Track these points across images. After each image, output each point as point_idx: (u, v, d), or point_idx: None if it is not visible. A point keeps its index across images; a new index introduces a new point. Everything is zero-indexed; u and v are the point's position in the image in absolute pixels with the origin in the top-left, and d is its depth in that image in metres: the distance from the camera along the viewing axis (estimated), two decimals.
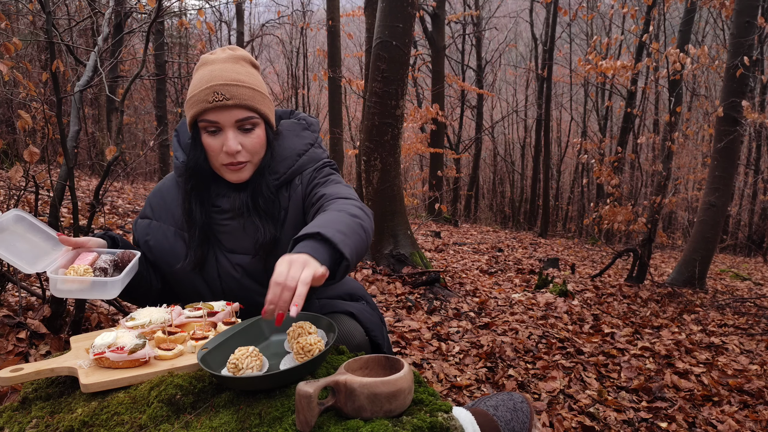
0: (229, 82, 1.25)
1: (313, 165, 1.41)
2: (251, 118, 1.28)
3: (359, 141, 5.00)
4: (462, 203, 16.26)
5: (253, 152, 1.30)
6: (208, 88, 1.24)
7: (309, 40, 18.52)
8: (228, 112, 1.25)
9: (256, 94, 1.28)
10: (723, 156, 5.92)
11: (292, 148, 1.40)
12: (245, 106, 1.26)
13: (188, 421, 0.89)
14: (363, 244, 1.12)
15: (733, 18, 5.99)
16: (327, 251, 1.01)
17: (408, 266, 4.57)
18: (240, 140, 1.27)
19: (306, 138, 1.44)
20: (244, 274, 1.34)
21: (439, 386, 2.64)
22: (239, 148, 1.27)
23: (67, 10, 7.44)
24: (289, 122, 1.46)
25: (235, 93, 1.24)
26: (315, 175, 1.38)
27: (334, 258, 1.03)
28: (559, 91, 19.95)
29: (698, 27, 14.71)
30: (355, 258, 1.06)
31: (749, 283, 7.45)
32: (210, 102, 1.24)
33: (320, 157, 1.43)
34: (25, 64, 3.33)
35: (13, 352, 2.03)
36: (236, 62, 1.30)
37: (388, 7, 4.41)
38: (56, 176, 2.33)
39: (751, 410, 2.66)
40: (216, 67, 1.28)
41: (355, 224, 1.12)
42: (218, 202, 1.35)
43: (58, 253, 1.19)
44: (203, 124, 1.27)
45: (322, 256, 1.00)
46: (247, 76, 1.29)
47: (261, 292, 1.34)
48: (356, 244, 1.07)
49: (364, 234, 1.13)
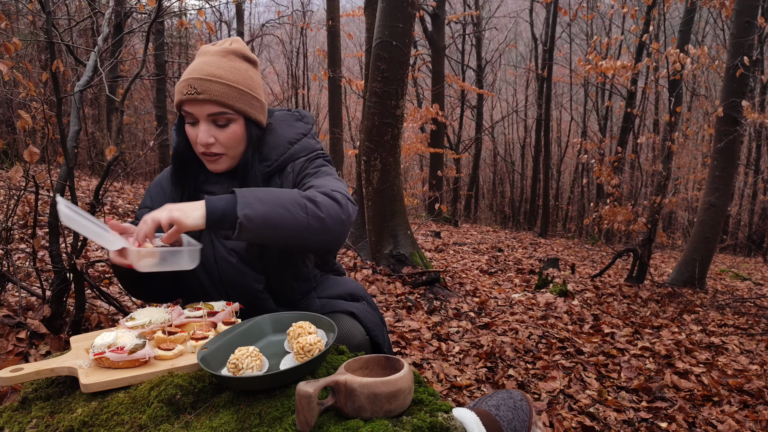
0: (204, 77, 1.26)
1: (305, 154, 1.42)
2: (224, 114, 1.29)
3: (359, 141, 5.00)
4: (462, 203, 16.25)
5: (228, 146, 1.32)
6: (185, 80, 1.27)
7: (309, 40, 18.51)
8: (200, 105, 1.27)
9: (231, 91, 1.28)
10: (723, 156, 5.92)
11: (284, 136, 1.42)
12: (216, 102, 1.27)
13: (188, 421, 0.89)
14: (289, 220, 1.12)
15: (733, 18, 5.99)
16: (227, 205, 1.09)
17: (408, 266, 4.57)
18: (213, 133, 1.30)
19: (298, 128, 1.45)
20: (239, 259, 1.35)
21: (439, 386, 2.64)
22: (210, 141, 1.30)
23: (67, 10, 7.45)
24: (282, 113, 1.48)
25: (207, 88, 1.26)
26: (306, 165, 1.39)
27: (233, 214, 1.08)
28: (559, 91, 19.94)
29: (698, 27, 14.71)
30: (258, 223, 1.08)
31: (749, 283, 7.45)
32: (184, 94, 1.27)
33: (314, 147, 1.44)
34: (25, 64, 3.32)
35: (13, 352, 2.03)
36: (224, 56, 1.32)
37: (388, 7, 4.41)
38: (56, 176, 2.33)
39: (751, 410, 2.66)
40: (202, 59, 1.31)
41: (292, 201, 1.13)
42: (211, 188, 1.38)
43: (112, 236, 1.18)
44: (183, 113, 1.31)
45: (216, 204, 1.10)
46: (228, 71, 1.29)
47: (257, 278, 1.36)
48: (271, 213, 1.10)
49: (301, 214, 1.13)
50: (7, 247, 2.28)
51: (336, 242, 1.21)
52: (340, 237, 1.21)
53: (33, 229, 2.51)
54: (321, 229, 1.15)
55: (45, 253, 3.13)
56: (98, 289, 2.48)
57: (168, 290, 1.43)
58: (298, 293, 1.45)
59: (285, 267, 1.39)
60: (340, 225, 1.19)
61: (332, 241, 1.20)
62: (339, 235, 1.20)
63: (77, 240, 2.27)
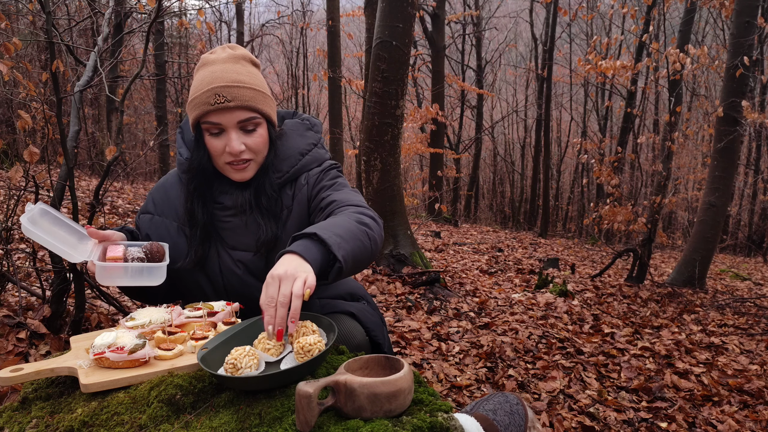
0: (230, 84, 1.25)
1: (318, 165, 1.41)
2: (253, 119, 1.28)
3: (359, 141, 5.00)
4: (462, 203, 16.25)
5: (257, 151, 1.31)
6: (209, 90, 1.24)
7: (309, 40, 18.51)
8: (230, 113, 1.25)
9: (257, 95, 1.28)
10: (723, 156, 5.92)
11: (296, 147, 1.40)
12: (247, 107, 1.26)
13: (188, 421, 0.89)
14: (365, 251, 1.12)
15: (733, 18, 5.99)
16: (320, 252, 1.03)
17: (408, 266, 4.57)
18: (243, 140, 1.28)
19: (309, 138, 1.45)
20: (245, 270, 1.35)
21: (439, 386, 2.64)
22: (243, 149, 1.27)
23: (67, 10, 7.45)
24: (293, 122, 1.47)
25: (237, 94, 1.24)
26: (322, 177, 1.39)
27: (326, 259, 1.05)
28: (559, 91, 19.94)
29: (698, 27, 14.71)
30: (350, 262, 1.07)
31: (749, 283, 7.45)
32: (212, 104, 1.24)
33: (324, 157, 1.44)
34: (25, 64, 3.32)
35: (13, 352, 2.03)
36: (237, 62, 1.30)
37: (388, 7, 4.41)
38: (56, 176, 2.33)
39: (751, 410, 2.66)
40: (217, 67, 1.27)
41: (358, 231, 1.13)
42: (221, 198, 1.36)
43: (85, 246, 1.19)
44: (206, 126, 1.28)
45: (314, 255, 1.02)
46: (248, 76, 1.29)
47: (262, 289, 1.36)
48: (354, 249, 1.08)
49: (368, 242, 1.14)
50: (7, 247, 2.28)
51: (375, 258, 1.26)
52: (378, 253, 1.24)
53: None
54: (377, 250, 1.19)
55: (45, 253, 3.13)
56: (98, 289, 2.48)
57: (164, 294, 1.42)
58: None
59: None
60: (382, 241, 1.23)
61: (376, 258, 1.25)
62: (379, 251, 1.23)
63: None
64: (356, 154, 6.28)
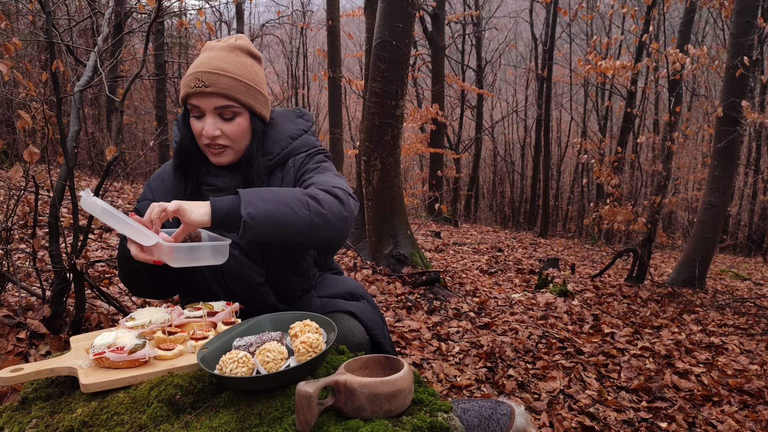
0: (211, 70, 1.29)
1: (306, 150, 1.44)
2: (231, 107, 1.31)
3: (359, 141, 5.00)
4: (462, 203, 16.25)
5: (233, 139, 1.34)
6: (193, 73, 1.29)
7: (309, 40, 18.50)
8: (207, 98, 1.29)
9: (238, 85, 1.31)
10: (723, 156, 5.92)
11: (286, 131, 1.44)
12: (224, 95, 1.29)
13: (188, 421, 0.89)
14: (293, 217, 1.13)
15: (733, 18, 5.99)
16: (231, 204, 1.10)
17: (408, 266, 4.57)
18: (219, 126, 1.32)
19: (299, 124, 1.48)
20: (240, 252, 1.37)
21: (439, 386, 2.64)
22: (217, 134, 1.31)
23: (67, 10, 7.44)
24: (283, 109, 1.51)
25: (215, 81, 1.28)
26: (307, 161, 1.42)
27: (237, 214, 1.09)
28: (559, 91, 19.94)
29: (698, 27, 14.71)
30: (261, 221, 1.09)
31: (749, 283, 7.45)
32: (191, 87, 1.29)
33: (314, 143, 1.47)
34: (25, 64, 3.32)
35: (13, 352, 2.03)
36: (230, 51, 1.34)
37: (388, 7, 4.41)
38: (56, 176, 2.33)
39: (751, 410, 2.66)
40: (209, 54, 1.33)
41: (294, 199, 1.14)
42: (213, 180, 1.40)
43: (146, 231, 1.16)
44: (189, 107, 1.33)
45: (220, 204, 1.10)
46: (236, 66, 1.32)
47: (258, 271, 1.38)
48: (275, 212, 1.11)
49: (305, 212, 1.14)
50: (7, 247, 2.28)
51: (338, 238, 1.22)
52: (343, 233, 1.22)
53: (33, 229, 2.51)
54: (323, 225, 1.17)
55: (45, 253, 3.13)
56: (98, 289, 2.48)
57: (173, 285, 1.44)
58: (298, 289, 1.47)
59: (284, 261, 1.41)
60: (342, 221, 1.20)
61: (335, 237, 1.21)
62: (341, 230, 1.21)
63: (77, 240, 2.27)
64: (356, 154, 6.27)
